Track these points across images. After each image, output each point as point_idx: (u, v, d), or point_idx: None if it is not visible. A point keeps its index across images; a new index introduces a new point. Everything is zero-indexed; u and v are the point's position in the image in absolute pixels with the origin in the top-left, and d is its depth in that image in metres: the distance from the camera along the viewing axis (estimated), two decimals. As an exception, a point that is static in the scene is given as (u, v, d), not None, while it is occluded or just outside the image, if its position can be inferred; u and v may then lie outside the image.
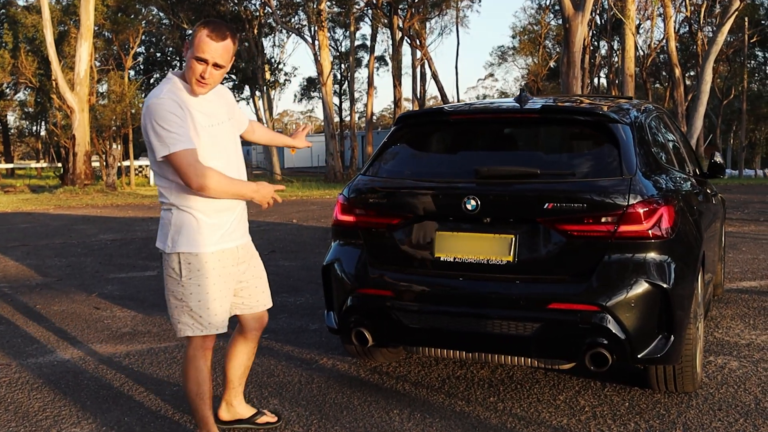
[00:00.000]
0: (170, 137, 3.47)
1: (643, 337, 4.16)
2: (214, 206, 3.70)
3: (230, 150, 3.82)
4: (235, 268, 3.87)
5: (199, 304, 3.73)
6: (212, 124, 3.70)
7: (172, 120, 3.48)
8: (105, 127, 31.97)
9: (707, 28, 42.12)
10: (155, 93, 3.60)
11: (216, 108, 3.78)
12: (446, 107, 5.09)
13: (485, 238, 4.41)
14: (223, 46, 3.58)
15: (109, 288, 8.79)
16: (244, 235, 3.96)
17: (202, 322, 3.77)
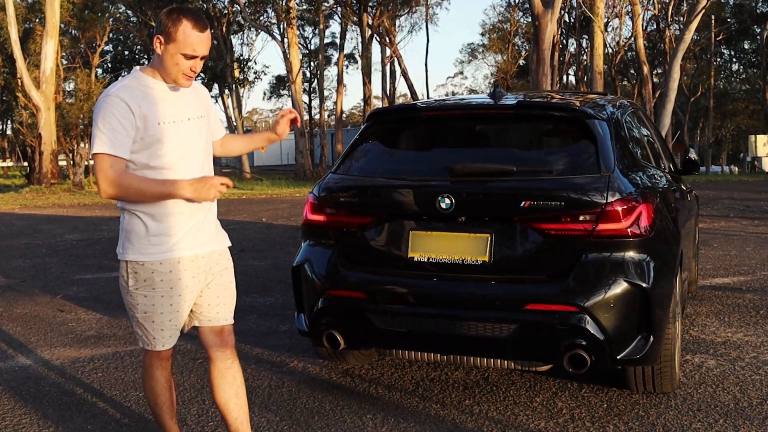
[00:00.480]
0: (100, 137, 3.22)
1: (623, 338, 4.07)
2: (163, 209, 3.35)
3: (197, 149, 3.50)
4: (192, 280, 3.47)
5: (145, 316, 3.44)
6: (179, 120, 3.42)
7: (109, 120, 3.22)
8: (72, 125, 31.53)
9: (674, 25, 42.39)
10: (109, 87, 3.36)
11: (187, 103, 3.49)
12: (419, 103, 4.97)
13: (460, 238, 4.30)
14: (207, 36, 3.36)
15: (75, 289, 8.59)
16: (207, 243, 3.53)
17: (147, 336, 3.49)
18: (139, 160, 3.30)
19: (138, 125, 3.26)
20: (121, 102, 3.24)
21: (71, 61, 39.47)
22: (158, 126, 3.31)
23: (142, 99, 3.30)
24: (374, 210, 4.50)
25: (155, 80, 3.39)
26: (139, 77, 3.38)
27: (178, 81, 3.37)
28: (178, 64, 3.32)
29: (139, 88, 3.34)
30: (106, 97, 3.26)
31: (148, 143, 3.29)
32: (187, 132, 3.44)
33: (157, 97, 3.37)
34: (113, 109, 3.22)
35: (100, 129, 3.22)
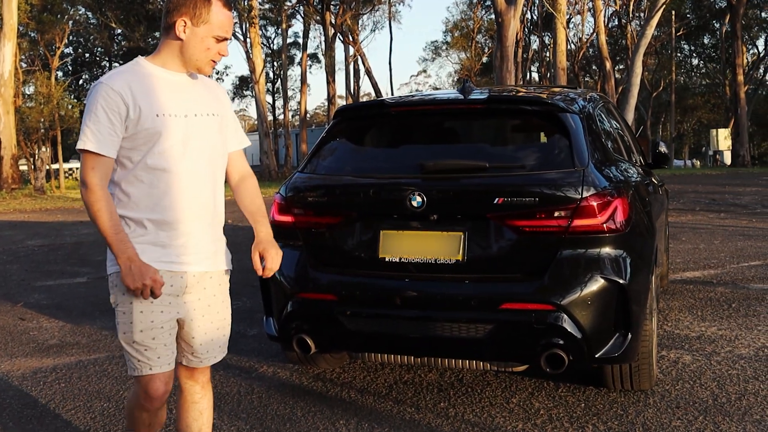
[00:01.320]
0: (85, 131, 2.87)
1: (600, 336, 3.99)
2: (153, 217, 2.95)
3: (203, 152, 3.03)
4: (178, 299, 3.05)
5: (125, 336, 3.02)
6: (182, 114, 2.97)
7: (96, 113, 2.85)
8: (32, 129, 31.17)
9: (636, 21, 42.68)
10: (107, 74, 2.97)
11: (196, 97, 3.06)
12: (387, 99, 4.86)
13: (432, 237, 4.19)
14: (232, 17, 3.05)
15: (36, 297, 8.37)
16: (202, 261, 3.08)
17: (130, 359, 3.03)
18: (135, 157, 2.92)
19: (131, 116, 2.87)
20: (111, 91, 2.86)
21: (30, 64, 38.90)
22: (156, 118, 2.90)
23: (138, 87, 2.90)
24: (343, 210, 4.38)
25: (162, 68, 2.99)
26: (140, 63, 3.00)
27: (204, 68, 3.02)
28: (209, 49, 2.97)
29: (138, 74, 2.95)
30: (98, 86, 2.89)
31: (144, 138, 2.90)
32: (192, 129, 3.00)
33: (157, 85, 2.96)
34: (102, 100, 2.86)
35: (86, 122, 2.89)
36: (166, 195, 2.95)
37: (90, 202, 2.86)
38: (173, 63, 3.00)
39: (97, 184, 2.86)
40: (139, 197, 2.95)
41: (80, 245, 12.83)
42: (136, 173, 2.93)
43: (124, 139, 2.90)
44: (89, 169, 2.87)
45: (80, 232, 14.98)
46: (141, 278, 2.84)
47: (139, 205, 2.95)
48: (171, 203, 2.96)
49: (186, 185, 2.98)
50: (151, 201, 2.95)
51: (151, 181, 2.94)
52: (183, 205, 2.99)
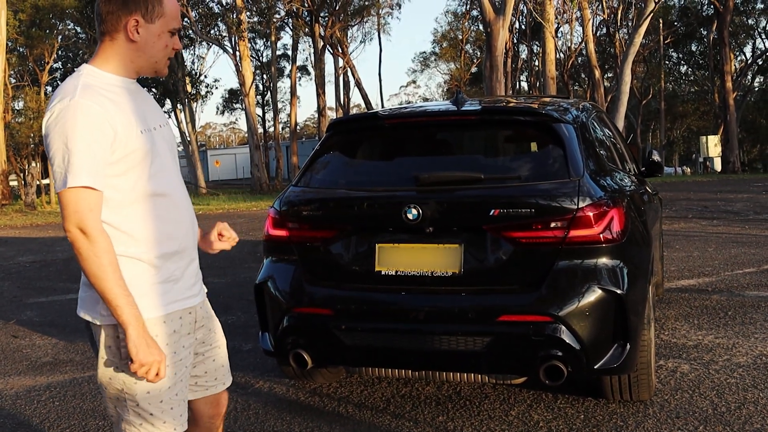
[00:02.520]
0: (74, 163, 2.34)
1: (599, 347, 3.96)
2: (168, 249, 2.58)
3: (174, 164, 2.69)
4: (191, 337, 2.68)
5: (148, 396, 2.53)
6: (151, 128, 2.58)
7: (85, 139, 2.35)
8: (22, 144, 31.05)
9: (624, 30, 42.81)
10: (67, 91, 2.42)
11: (151, 107, 2.69)
12: (380, 111, 4.84)
13: (429, 249, 4.16)
14: None
15: (29, 314, 8.31)
16: (202, 291, 2.79)
17: (154, 421, 2.56)
18: (124, 185, 2.47)
19: (120, 137, 2.43)
20: (92, 110, 2.38)
21: (20, 80, 38.82)
22: (141, 135, 2.50)
23: (114, 102, 2.46)
24: (338, 223, 4.35)
25: (117, 76, 2.55)
26: (96, 74, 2.51)
27: (162, 69, 2.62)
28: (166, 45, 2.58)
29: (105, 87, 2.49)
30: (72, 104, 2.37)
31: (134, 160, 2.48)
32: (163, 143, 2.64)
33: (126, 98, 2.53)
34: (83, 123, 2.36)
35: (72, 151, 2.34)
36: (168, 222, 2.59)
37: (96, 255, 2.37)
38: (124, 69, 2.56)
39: (101, 231, 2.39)
40: (142, 232, 2.51)
41: (71, 261, 12.74)
42: (132, 203, 2.50)
43: (109, 165, 2.43)
44: (87, 212, 2.36)
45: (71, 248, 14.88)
46: (155, 352, 2.44)
47: (146, 241, 2.52)
48: (175, 230, 2.62)
49: (179, 206, 2.65)
50: (156, 233, 2.54)
51: (150, 210, 2.53)
52: (184, 229, 2.66)
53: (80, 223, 2.36)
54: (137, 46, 2.53)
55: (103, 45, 2.56)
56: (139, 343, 2.39)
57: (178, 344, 2.60)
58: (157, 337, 2.50)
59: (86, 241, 2.36)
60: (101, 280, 2.36)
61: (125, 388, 2.52)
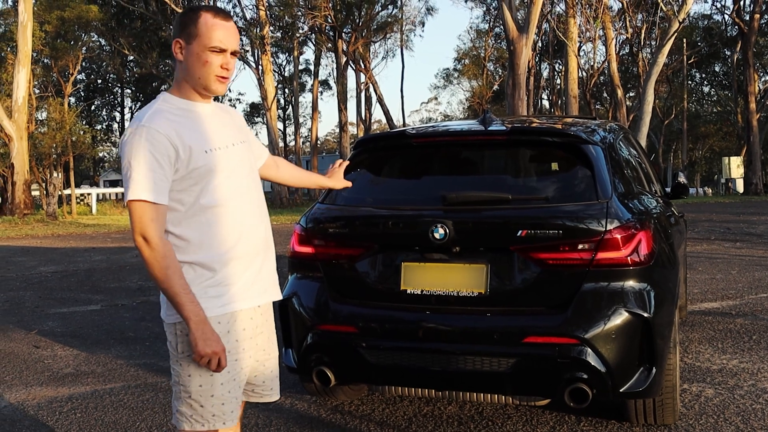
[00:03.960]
0: (136, 179, 2.67)
1: (625, 370, 3.92)
2: (226, 254, 2.84)
3: (247, 179, 2.97)
4: (252, 341, 2.96)
5: (200, 389, 2.81)
6: (224, 146, 2.88)
7: (145, 157, 2.67)
8: (45, 155, 31.28)
9: (647, 49, 42.73)
10: (139, 116, 2.79)
11: (227, 126, 2.98)
12: (407, 130, 4.84)
13: (455, 269, 4.15)
14: (234, 27, 2.87)
15: (50, 324, 8.35)
16: (267, 290, 3.03)
17: (204, 414, 2.82)
18: (187, 199, 2.78)
19: (182, 157, 2.73)
20: (157, 133, 2.69)
21: (43, 90, 39.14)
22: (206, 154, 2.78)
23: (180, 125, 2.77)
24: (364, 241, 4.34)
25: (188, 101, 2.87)
26: (168, 99, 2.86)
27: (210, 86, 2.83)
28: (207, 62, 2.79)
29: (174, 111, 2.81)
30: (139, 129, 2.70)
31: (197, 177, 2.77)
32: (235, 160, 2.91)
33: (195, 120, 2.84)
34: (148, 144, 2.68)
35: (135, 169, 2.66)
36: (226, 231, 2.84)
37: (156, 259, 2.67)
38: (191, 93, 2.87)
39: (162, 239, 2.70)
40: (200, 240, 2.80)
41: (93, 272, 12.82)
42: (193, 215, 2.79)
43: (174, 181, 2.74)
44: (149, 222, 2.68)
45: (93, 258, 14.99)
46: (214, 344, 2.71)
47: (202, 248, 2.80)
48: (234, 238, 2.85)
49: (242, 217, 2.89)
50: (213, 240, 2.81)
51: (209, 221, 2.81)
52: (244, 237, 2.88)
53: (142, 232, 2.68)
54: (184, 66, 2.83)
55: (175, 67, 2.91)
56: (198, 336, 2.68)
57: (235, 345, 2.85)
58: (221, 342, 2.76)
59: (148, 247, 2.68)
60: (163, 281, 2.68)
61: (180, 380, 2.83)
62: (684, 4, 25.73)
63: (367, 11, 44.22)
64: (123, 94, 58.19)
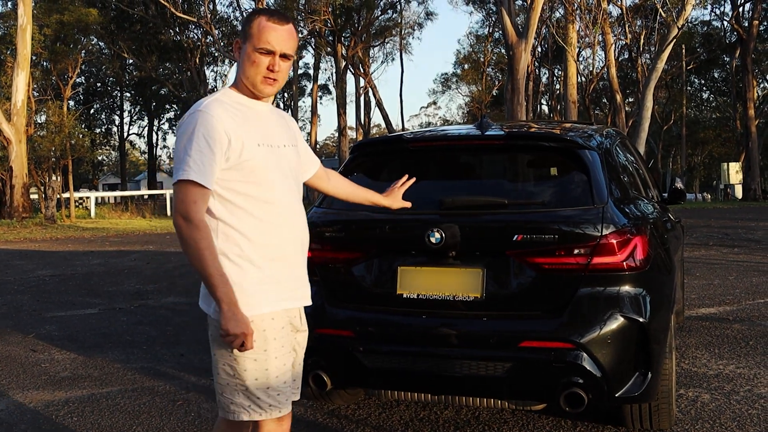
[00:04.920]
0: (186, 161, 2.77)
1: (621, 375, 3.93)
2: (267, 252, 2.90)
3: (293, 181, 3.06)
4: (292, 337, 3.07)
5: (256, 382, 2.90)
6: (275, 144, 2.98)
7: (200, 142, 2.77)
8: (44, 158, 31.21)
9: (646, 55, 42.77)
10: (199, 103, 2.91)
11: (279, 128, 3.07)
12: (405, 134, 4.84)
13: (451, 273, 4.15)
14: (288, 30, 2.93)
15: (47, 328, 8.34)
16: (306, 296, 3.14)
17: (261, 404, 2.91)
18: (240, 189, 2.86)
19: (233, 146, 2.82)
20: (213, 119, 2.80)
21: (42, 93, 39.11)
22: (257, 148, 2.89)
23: (235, 116, 2.88)
24: (361, 245, 4.35)
25: (245, 97, 2.98)
26: (228, 93, 2.98)
27: (257, 86, 2.93)
28: (255, 63, 2.89)
29: (232, 104, 2.93)
30: (197, 113, 2.83)
31: (249, 168, 2.86)
32: (284, 160, 3.02)
33: (250, 115, 2.95)
34: (203, 129, 2.78)
35: (187, 151, 2.77)
36: (276, 227, 2.92)
37: (195, 238, 2.73)
38: (248, 91, 2.97)
39: (203, 220, 2.77)
40: (252, 232, 2.88)
41: (91, 276, 12.82)
42: (245, 207, 2.87)
43: (224, 170, 2.82)
44: (192, 203, 2.75)
45: (91, 262, 14.98)
46: (243, 326, 2.76)
47: (253, 241, 2.88)
48: (282, 235, 2.95)
49: (288, 216, 2.98)
50: (264, 235, 2.90)
51: (261, 215, 2.89)
52: (290, 236, 2.99)
53: (184, 212, 2.74)
54: (240, 65, 2.96)
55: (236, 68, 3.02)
56: (228, 316, 2.73)
57: (285, 339, 2.97)
58: (265, 331, 2.88)
59: (187, 227, 2.73)
60: (199, 261, 2.73)
61: (236, 374, 2.89)
62: (683, 10, 25.78)
63: (366, 16, 44.28)
64: (122, 98, 58.16)
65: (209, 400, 5.40)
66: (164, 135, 68.07)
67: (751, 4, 42.46)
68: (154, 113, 57.63)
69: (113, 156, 68.94)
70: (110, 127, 60.86)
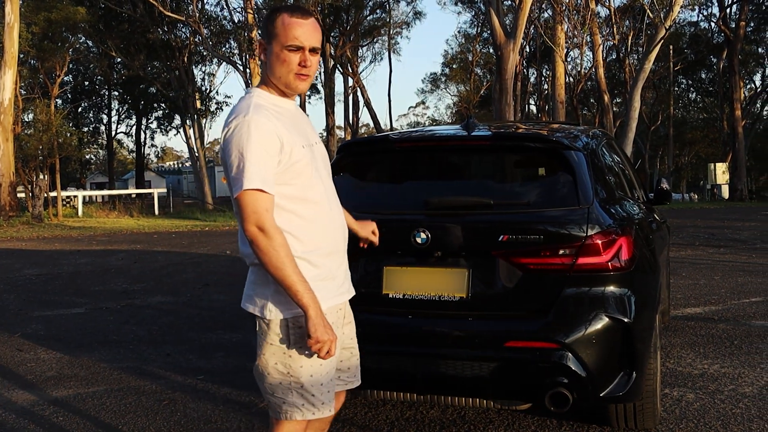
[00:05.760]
0: (249, 170, 2.72)
1: (605, 375, 3.95)
2: (324, 249, 2.93)
3: (330, 182, 3.10)
4: (340, 331, 3.06)
5: (311, 379, 2.90)
6: (310, 143, 3.00)
7: (258, 150, 2.74)
8: (31, 156, 31.05)
9: (634, 55, 42.90)
10: (241, 109, 2.85)
11: (308, 125, 3.11)
12: (391, 135, 4.85)
13: (437, 273, 4.16)
14: (312, 24, 2.92)
15: (33, 327, 8.32)
16: (351, 288, 3.18)
17: (315, 402, 2.92)
18: (287, 191, 2.85)
19: (285, 149, 2.82)
20: (264, 125, 2.78)
21: (30, 92, 38.92)
22: (303, 149, 2.90)
23: (278, 119, 2.86)
24: (346, 245, 4.34)
25: (278, 97, 2.98)
26: (261, 95, 2.95)
27: (291, 84, 2.93)
28: (285, 61, 2.89)
29: (271, 107, 2.90)
30: (246, 120, 2.78)
31: (297, 170, 2.86)
32: (320, 157, 3.06)
33: (288, 116, 2.95)
34: (257, 136, 2.75)
35: (247, 159, 2.72)
36: (324, 225, 2.95)
37: (273, 248, 2.71)
38: (274, 89, 2.98)
39: (276, 228, 2.75)
40: (302, 233, 2.88)
41: (78, 275, 12.78)
42: (293, 208, 2.88)
43: (277, 174, 2.82)
44: (264, 212, 2.74)
45: (78, 261, 14.93)
46: (331, 333, 2.79)
47: (305, 241, 2.88)
48: (330, 233, 2.98)
49: (335, 213, 3.03)
50: (315, 234, 2.91)
51: (309, 215, 2.91)
52: (336, 232, 3.02)
53: (258, 222, 2.72)
54: (268, 66, 2.94)
55: (261, 68, 3.04)
56: (317, 323, 2.74)
57: (338, 334, 2.96)
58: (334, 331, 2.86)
59: (265, 237, 2.71)
60: (281, 270, 2.71)
61: (291, 372, 2.88)
62: (670, 11, 25.88)
63: (355, 15, 44.26)
64: (110, 96, 57.87)
65: (195, 400, 5.40)
66: (152, 134, 67.91)
67: (738, 6, 42.70)
68: (142, 112, 57.35)
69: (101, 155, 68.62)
70: (98, 125, 60.58)
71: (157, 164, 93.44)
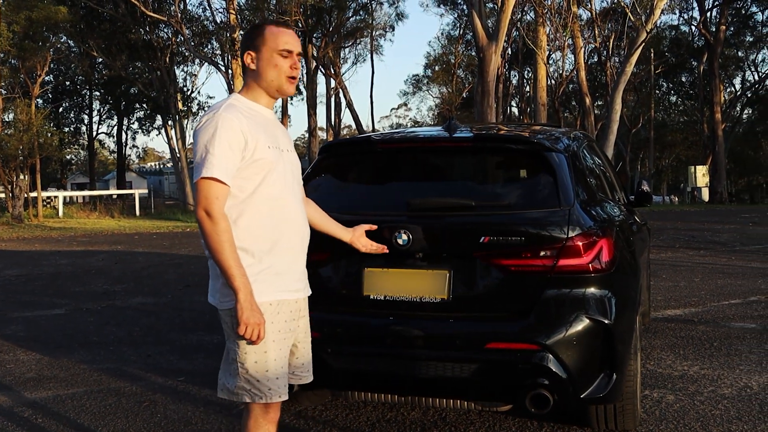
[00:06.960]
0: (210, 159, 2.99)
1: (586, 376, 3.96)
2: (265, 246, 3.12)
3: (297, 184, 3.35)
4: (295, 323, 3.26)
5: (256, 365, 3.11)
6: (281, 148, 3.24)
7: (222, 142, 3.00)
8: (11, 157, 30.84)
9: (615, 58, 43.08)
10: (215, 107, 3.14)
11: (281, 133, 3.33)
12: (373, 136, 4.84)
13: (418, 275, 4.16)
14: (294, 34, 3.24)
15: (13, 328, 8.26)
16: (306, 287, 3.40)
17: (261, 387, 3.13)
18: (247, 187, 3.10)
19: (249, 146, 3.07)
20: (232, 122, 3.05)
21: (11, 91, 38.66)
22: (268, 149, 3.14)
23: (249, 120, 3.12)
24: (327, 246, 4.33)
25: (255, 103, 3.25)
26: (239, 99, 3.23)
27: (282, 86, 3.22)
28: (277, 66, 3.19)
29: (244, 109, 3.17)
30: (216, 116, 3.05)
31: (259, 167, 3.11)
32: (288, 163, 3.28)
33: (260, 120, 3.20)
34: (224, 131, 3.02)
35: (210, 151, 3.00)
36: (281, 223, 3.16)
37: (216, 232, 2.96)
38: (261, 98, 3.25)
39: (223, 215, 2.99)
40: (256, 227, 3.10)
41: (58, 276, 12.71)
42: (252, 203, 3.10)
43: (239, 169, 3.06)
44: (214, 199, 2.98)
45: (58, 262, 14.84)
46: (258, 317, 3.00)
47: (256, 235, 3.10)
48: (286, 230, 3.18)
49: (292, 213, 3.23)
50: (268, 230, 3.13)
51: (267, 211, 3.13)
52: (293, 232, 3.22)
53: (207, 207, 2.97)
54: (256, 73, 3.21)
55: (245, 80, 3.28)
56: (245, 306, 2.96)
57: (283, 325, 3.17)
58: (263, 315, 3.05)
59: (210, 222, 2.97)
60: (219, 253, 2.95)
61: (238, 358, 3.11)
62: (651, 15, 26.02)
63: (338, 16, 44.22)
64: (92, 97, 57.54)
65: (176, 401, 5.38)
66: (134, 134, 67.49)
67: (719, 10, 42.98)
68: (124, 112, 57.03)
69: (82, 155, 68.19)
70: (79, 126, 60.22)
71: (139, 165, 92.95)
